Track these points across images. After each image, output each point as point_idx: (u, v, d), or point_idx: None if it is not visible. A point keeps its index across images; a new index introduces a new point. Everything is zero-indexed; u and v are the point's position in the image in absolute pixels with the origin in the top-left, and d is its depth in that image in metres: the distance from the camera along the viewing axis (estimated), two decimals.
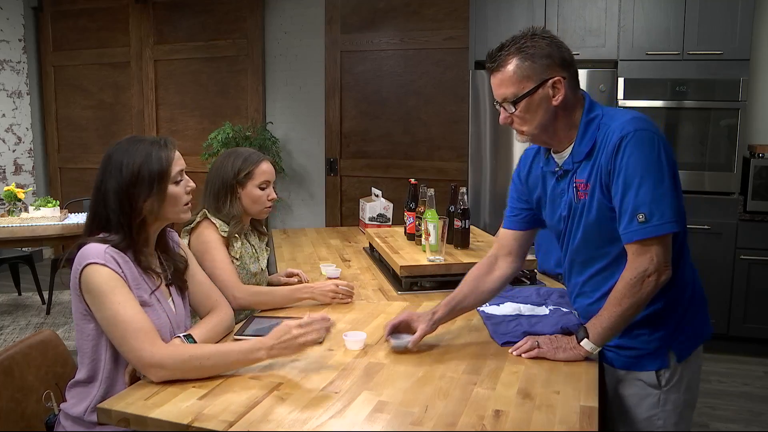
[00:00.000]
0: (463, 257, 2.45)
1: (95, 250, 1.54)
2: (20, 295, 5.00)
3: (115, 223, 1.59)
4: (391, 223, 3.37)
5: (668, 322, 1.62)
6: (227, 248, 2.17)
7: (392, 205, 3.43)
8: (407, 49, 4.93)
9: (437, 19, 4.82)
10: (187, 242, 2.15)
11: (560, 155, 1.67)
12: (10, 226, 3.98)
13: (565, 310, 1.95)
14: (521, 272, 2.44)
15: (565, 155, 1.65)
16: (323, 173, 5.29)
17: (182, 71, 5.65)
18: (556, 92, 1.57)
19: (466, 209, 2.61)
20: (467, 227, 2.62)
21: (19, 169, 6.03)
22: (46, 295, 4.72)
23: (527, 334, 1.73)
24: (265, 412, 1.36)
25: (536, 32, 1.59)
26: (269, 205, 2.27)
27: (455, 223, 2.61)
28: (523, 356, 1.64)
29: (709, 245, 3.76)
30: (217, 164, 2.26)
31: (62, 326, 4.34)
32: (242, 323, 1.91)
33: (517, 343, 1.69)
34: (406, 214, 2.83)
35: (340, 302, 2.15)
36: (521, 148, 1.81)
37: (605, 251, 1.62)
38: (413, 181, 2.98)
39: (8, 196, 4.11)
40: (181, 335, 1.63)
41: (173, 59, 5.66)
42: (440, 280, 2.34)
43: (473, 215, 3.38)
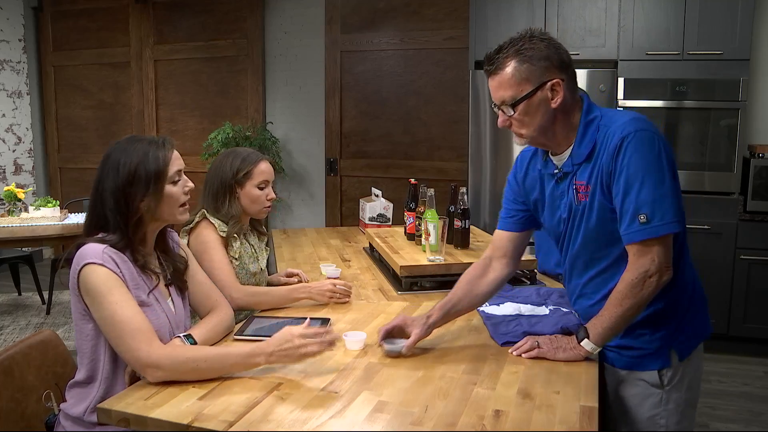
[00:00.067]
0: (463, 257, 2.45)
1: (93, 250, 1.54)
2: (20, 295, 5.00)
3: (112, 222, 1.59)
4: (391, 223, 3.37)
5: (670, 321, 1.62)
6: (226, 248, 2.17)
7: (392, 205, 3.43)
8: (407, 49, 4.93)
9: (437, 19, 4.82)
10: (186, 242, 2.15)
11: (559, 157, 1.66)
12: (10, 226, 3.98)
13: (565, 310, 1.95)
14: (521, 272, 2.45)
15: (564, 157, 1.64)
16: (323, 173, 5.29)
17: (182, 71, 5.65)
18: (554, 94, 1.56)
19: (466, 209, 2.61)
20: (467, 227, 2.62)
21: (19, 169, 6.03)
22: (46, 295, 4.72)
23: (527, 334, 1.73)
24: (265, 412, 1.36)
25: (534, 34, 1.57)
26: (268, 204, 2.27)
27: (455, 223, 2.61)
28: (523, 356, 1.64)
29: (709, 245, 3.76)
30: (215, 164, 2.26)
31: (62, 326, 4.34)
32: (242, 323, 1.91)
33: (517, 343, 1.69)
34: (406, 214, 2.83)
35: (337, 302, 2.15)
36: (521, 148, 1.81)
37: (606, 252, 1.62)
38: (413, 181, 2.98)
39: (8, 196, 4.11)
40: (181, 335, 1.63)
41: (173, 59, 5.67)
42: (440, 280, 2.34)
43: (473, 215, 3.39)
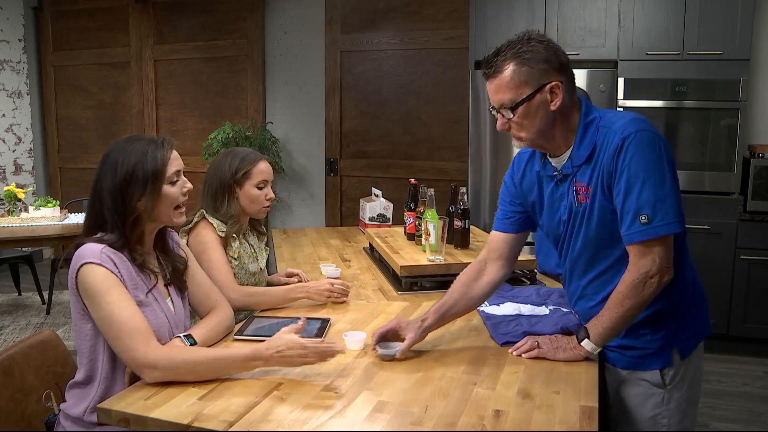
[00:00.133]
0: (463, 257, 2.45)
1: (91, 250, 1.54)
2: (20, 295, 5.00)
3: (110, 221, 1.59)
4: (391, 223, 3.37)
5: (670, 321, 1.62)
6: (225, 248, 2.17)
7: (392, 205, 3.43)
8: (407, 49, 4.93)
9: (437, 19, 4.82)
10: (185, 242, 2.14)
11: (558, 159, 1.65)
12: (10, 226, 3.98)
13: (565, 310, 1.95)
14: (521, 272, 2.45)
15: (563, 159, 1.64)
16: (323, 173, 5.29)
17: (182, 71, 5.65)
18: (554, 97, 1.55)
19: (466, 209, 2.61)
20: (467, 227, 2.62)
21: (19, 169, 6.03)
22: (46, 295, 4.72)
23: (527, 334, 1.73)
24: (265, 412, 1.36)
25: (532, 36, 1.56)
26: (267, 204, 2.27)
27: (455, 223, 2.61)
28: (523, 356, 1.64)
29: (709, 245, 3.76)
30: (214, 164, 2.26)
31: (62, 326, 4.34)
32: (242, 323, 1.91)
33: (517, 343, 1.69)
34: (406, 214, 2.83)
35: (335, 301, 2.15)
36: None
37: (607, 254, 1.62)
38: (413, 181, 2.98)
39: (8, 196, 4.11)
40: (181, 336, 1.63)
41: (173, 59, 5.66)
42: (440, 280, 2.34)
43: (473, 215, 3.39)
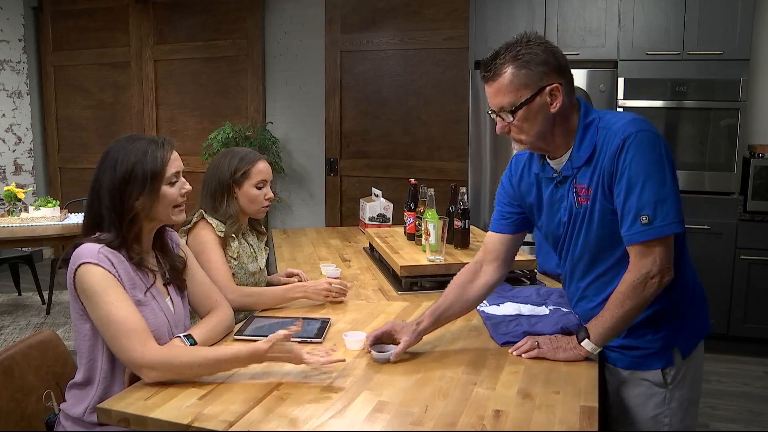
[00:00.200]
0: (463, 257, 2.45)
1: (89, 250, 1.54)
2: (20, 295, 5.00)
3: (107, 220, 1.59)
4: (391, 223, 3.37)
5: (671, 321, 1.62)
6: (224, 248, 2.17)
7: (392, 205, 3.43)
8: (407, 49, 4.93)
9: (437, 19, 4.82)
10: (184, 242, 2.14)
11: (557, 161, 1.65)
12: (10, 226, 3.98)
13: (565, 310, 1.95)
14: (521, 272, 2.45)
15: (562, 161, 1.63)
16: (323, 173, 5.29)
17: (182, 71, 5.65)
18: (553, 99, 1.55)
19: (466, 209, 2.61)
20: (467, 227, 2.62)
21: (19, 169, 6.03)
22: (46, 295, 4.72)
23: (527, 334, 1.73)
24: (265, 412, 1.36)
25: (531, 38, 1.55)
26: (266, 204, 2.27)
27: (455, 223, 2.61)
28: (523, 356, 1.64)
29: (709, 245, 3.76)
30: (213, 164, 2.26)
31: (62, 326, 4.34)
32: (242, 323, 1.91)
33: (517, 343, 1.69)
34: (406, 214, 2.83)
35: (333, 300, 2.15)
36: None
37: (607, 255, 1.62)
38: (413, 181, 2.98)
39: (8, 196, 4.11)
40: (181, 335, 1.62)
41: (173, 59, 5.66)
42: (440, 280, 2.34)
43: (473, 215, 3.39)
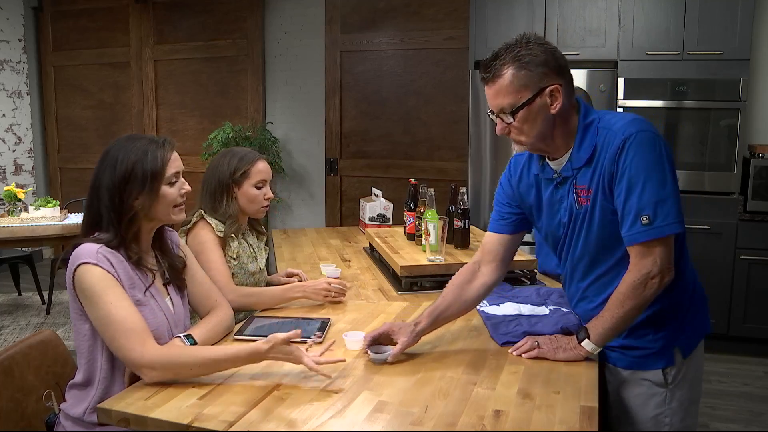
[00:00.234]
0: (463, 257, 2.45)
1: (88, 250, 1.54)
2: (20, 295, 5.00)
3: (106, 219, 1.58)
4: (391, 223, 3.37)
5: (672, 321, 1.62)
6: (224, 248, 2.17)
7: (392, 205, 3.43)
8: (407, 49, 4.93)
9: (437, 19, 4.82)
10: (184, 242, 2.14)
11: (557, 162, 1.65)
12: (10, 226, 3.98)
13: (565, 310, 1.95)
14: (521, 272, 2.45)
15: (562, 162, 1.63)
16: (323, 173, 5.29)
17: (182, 71, 5.65)
18: (554, 100, 1.55)
19: (466, 209, 2.61)
20: (467, 227, 2.62)
21: (19, 169, 6.03)
22: (46, 295, 4.72)
23: (527, 334, 1.73)
24: (265, 412, 1.36)
25: (530, 39, 1.55)
26: (266, 204, 2.27)
27: (455, 223, 2.61)
28: (523, 356, 1.64)
29: (709, 245, 3.76)
30: (213, 164, 2.26)
31: (62, 326, 4.34)
32: (242, 323, 1.91)
33: (517, 343, 1.69)
34: (406, 214, 2.83)
35: (332, 300, 2.15)
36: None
37: (608, 255, 1.62)
38: (413, 181, 2.98)
39: (8, 196, 4.11)
40: (181, 335, 1.62)
41: (173, 59, 5.66)
42: (440, 280, 2.33)
43: (473, 215, 3.39)
